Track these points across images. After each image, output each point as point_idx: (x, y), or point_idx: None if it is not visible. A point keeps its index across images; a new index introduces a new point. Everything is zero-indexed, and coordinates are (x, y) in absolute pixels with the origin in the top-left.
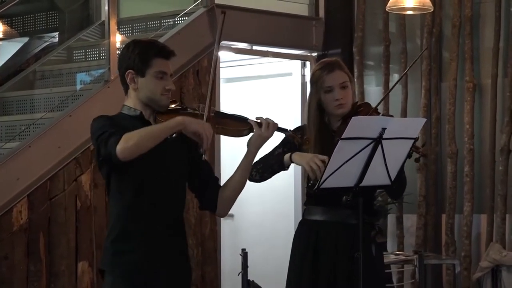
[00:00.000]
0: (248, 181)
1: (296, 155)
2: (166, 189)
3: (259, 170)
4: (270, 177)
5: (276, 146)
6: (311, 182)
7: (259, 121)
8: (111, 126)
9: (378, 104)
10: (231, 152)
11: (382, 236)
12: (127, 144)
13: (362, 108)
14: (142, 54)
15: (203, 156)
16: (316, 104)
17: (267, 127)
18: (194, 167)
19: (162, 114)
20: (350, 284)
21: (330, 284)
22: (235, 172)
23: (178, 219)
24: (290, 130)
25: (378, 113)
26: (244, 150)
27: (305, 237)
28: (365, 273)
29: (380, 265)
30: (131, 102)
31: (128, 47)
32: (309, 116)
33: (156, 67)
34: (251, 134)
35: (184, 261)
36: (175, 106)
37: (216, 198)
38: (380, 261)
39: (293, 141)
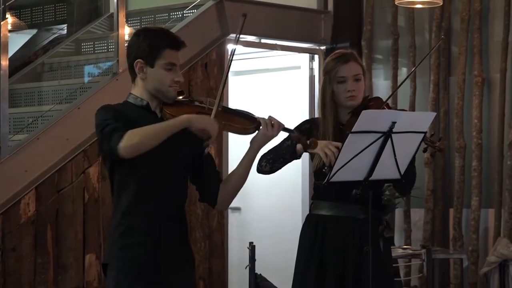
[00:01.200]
0: (257, 173)
1: None
2: (169, 183)
3: (269, 160)
4: (281, 167)
5: (284, 139)
6: (326, 167)
7: (266, 120)
8: (115, 119)
9: (388, 98)
10: (239, 147)
11: (390, 231)
12: (131, 142)
13: (373, 103)
14: (152, 44)
15: (206, 150)
16: (331, 95)
17: (272, 126)
18: (197, 160)
19: (169, 105)
20: (358, 280)
21: (337, 280)
22: (236, 168)
23: (181, 212)
24: (295, 131)
25: (389, 107)
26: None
27: (312, 231)
28: (373, 268)
29: (388, 260)
30: (138, 91)
31: (138, 35)
32: (325, 108)
33: (166, 59)
34: (256, 132)
35: (188, 251)
36: (182, 98)
37: (216, 192)
38: (388, 256)
39: (298, 143)
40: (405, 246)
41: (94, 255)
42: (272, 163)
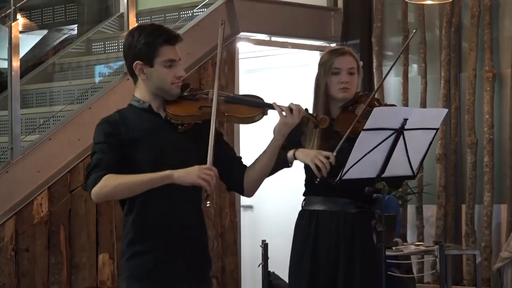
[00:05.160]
0: None
1: (299, 152)
2: (177, 190)
3: None
4: (273, 173)
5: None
6: (318, 179)
7: (283, 107)
8: (106, 143)
9: (374, 93)
10: (250, 135)
11: (382, 225)
12: (102, 190)
13: (363, 98)
14: (148, 43)
15: (207, 203)
16: (324, 88)
17: (290, 113)
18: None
19: (171, 104)
20: (351, 273)
21: (330, 274)
22: (261, 155)
23: (196, 212)
24: (307, 111)
25: (380, 103)
26: (263, 134)
27: (306, 226)
28: (366, 261)
29: (380, 254)
30: (140, 93)
31: (132, 35)
32: (318, 99)
33: (164, 56)
34: (262, 118)
35: (203, 257)
36: (185, 94)
37: (242, 178)
38: (381, 250)
39: (308, 123)
40: (417, 243)
41: (107, 255)
42: None
